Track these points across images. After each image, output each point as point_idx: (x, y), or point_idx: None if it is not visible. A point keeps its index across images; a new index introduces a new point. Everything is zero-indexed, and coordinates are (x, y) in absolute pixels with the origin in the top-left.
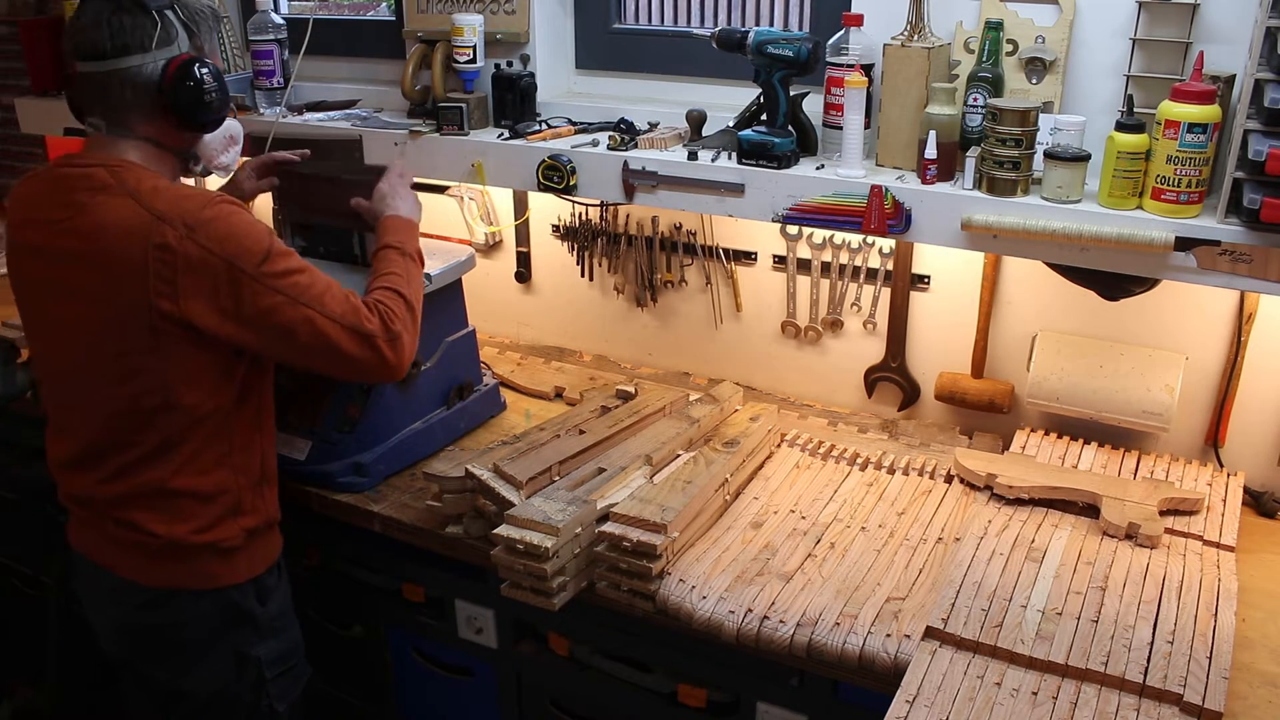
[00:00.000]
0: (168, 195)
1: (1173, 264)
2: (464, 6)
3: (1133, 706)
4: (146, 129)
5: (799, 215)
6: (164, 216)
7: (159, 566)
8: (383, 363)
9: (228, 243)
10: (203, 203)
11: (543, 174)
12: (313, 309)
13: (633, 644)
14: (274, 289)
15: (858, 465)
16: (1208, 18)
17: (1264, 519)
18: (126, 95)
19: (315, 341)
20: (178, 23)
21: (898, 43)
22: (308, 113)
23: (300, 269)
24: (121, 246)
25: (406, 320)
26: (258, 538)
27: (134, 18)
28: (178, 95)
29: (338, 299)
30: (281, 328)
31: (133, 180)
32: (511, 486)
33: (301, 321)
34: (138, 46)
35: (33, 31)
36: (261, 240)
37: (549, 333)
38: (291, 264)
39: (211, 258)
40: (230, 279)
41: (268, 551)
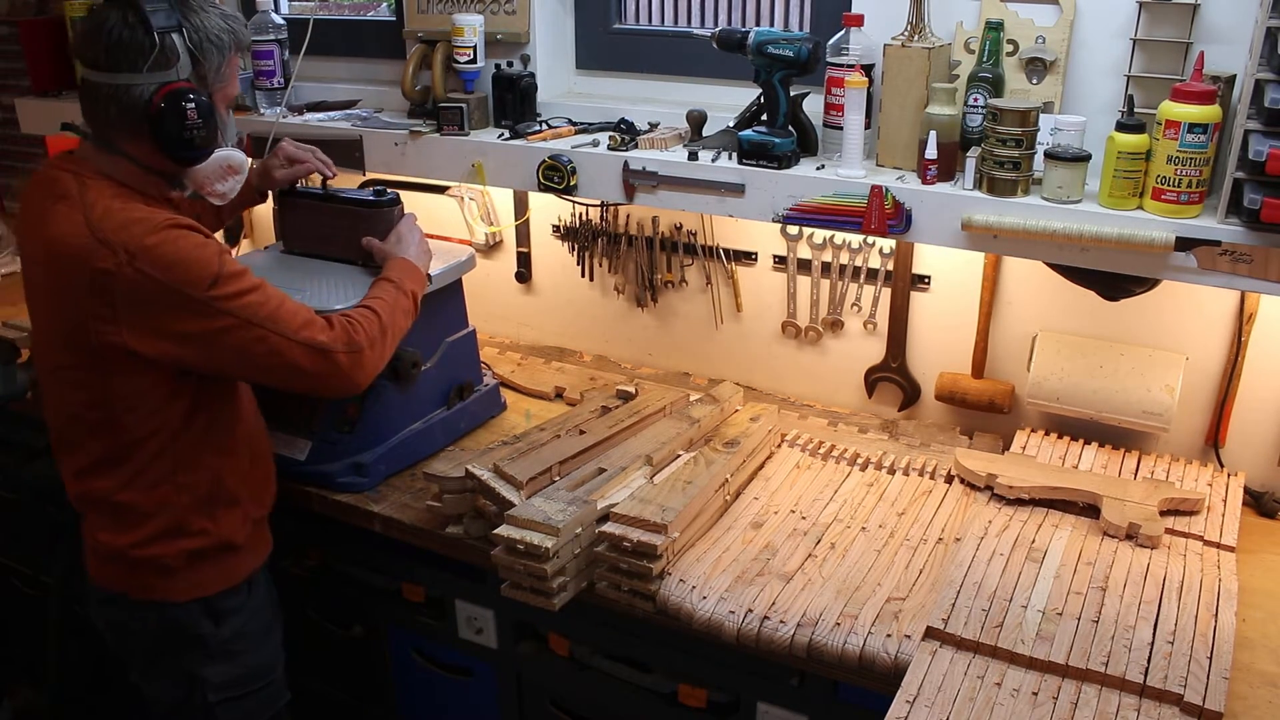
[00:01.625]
0: (117, 218)
1: (1173, 264)
2: (464, 6)
3: (1133, 707)
4: (130, 148)
5: (799, 215)
6: (107, 241)
7: (107, 568)
8: (336, 373)
9: (174, 269)
10: (150, 227)
11: (543, 174)
12: (265, 328)
13: (633, 644)
14: (225, 312)
15: (858, 465)
16: (1208, 18)
17: (1264, 519)
18: (112, 111)
19: (271, 360)
20: (182, 48)
21: (898, 43)
22: (308, 113)
23: (251, 288)
24: (64, 265)
25: (375, 336)
26: (204, 559)
27: (134, 35)
28: (162, 124)
29: (291, 314)
30: (235, 349)
31: (93, 195)
32: (512, 487)
33: (254, 341)
34: (129, 65)
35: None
36: (210, 264)
37: (549, 333)
38: (242, 285)
39: (155, 285)
40: (178, 304)
41: (220, 574)
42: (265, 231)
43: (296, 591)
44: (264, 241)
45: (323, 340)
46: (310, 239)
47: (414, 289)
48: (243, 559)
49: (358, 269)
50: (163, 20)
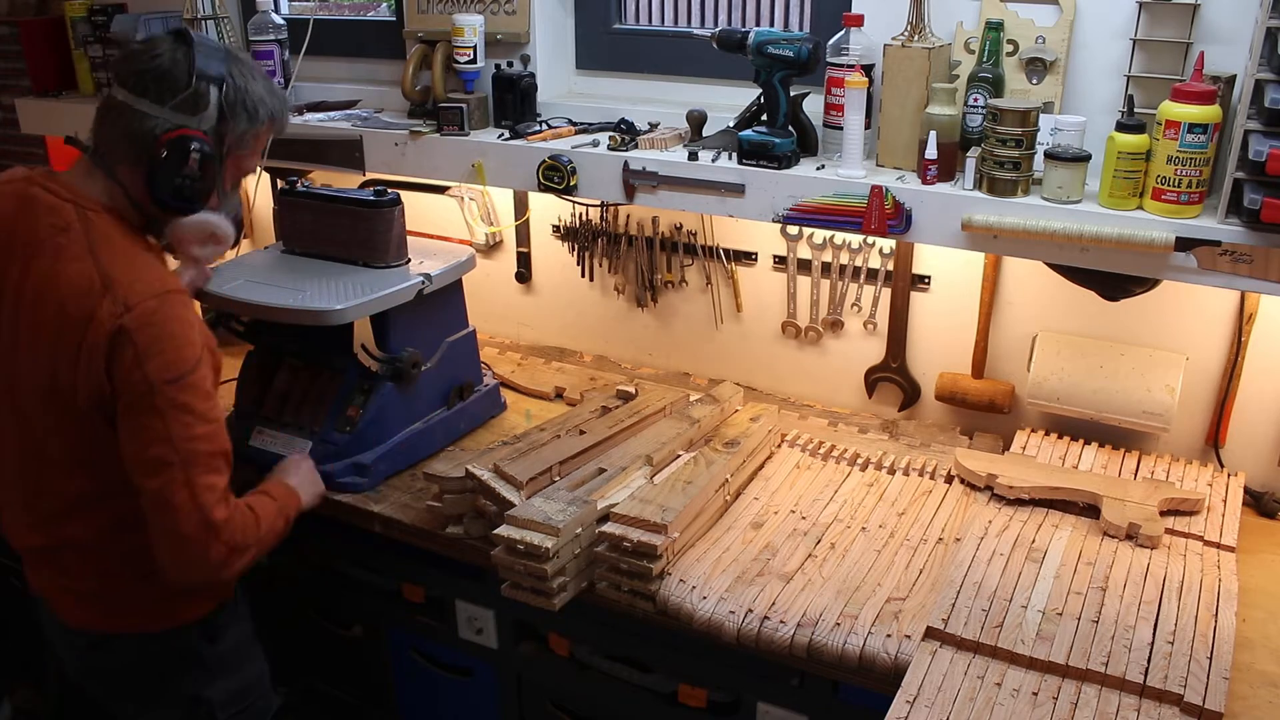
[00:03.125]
0: (124, 262)
1: (1173, 264)
2: (464, 7)
3: (1133, 707)
4: (125, 176)
5: (799, 215)
6: (111, 285)
7: (92, 610)
8: (205, 558)
9: (154, 344)
10: (157, 288)
11: (543, 174)
12: (177, 458)
13: (633, 644)
14: (160, 410)
15: (858, 465)
16: (1208, 18)
17: (1264, 519)
18: (121, 134)
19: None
20: (215, 101)
21: (898, 43)
22: (308, 113)
23: (206, 418)
24: (63, 305)
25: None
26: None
27: (174, 69)
28: (158, 162)
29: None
30: (140, 450)
31: (99, 232)
32: (512, 487)
33: (156, 463)
34: (156, 96)
35: (33, 31)
36: (186, 361)
37: (549, 333)
38: (200, 407)
39: (128, 345)
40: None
41: (210, 594)
42: (265, 231)
43: (296, 591)
44: (264, 241)
45: (215, 518)
46: (310, 239)
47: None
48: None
49: (358, 269)
50: (208, 66)
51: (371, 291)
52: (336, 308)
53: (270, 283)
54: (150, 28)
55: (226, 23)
